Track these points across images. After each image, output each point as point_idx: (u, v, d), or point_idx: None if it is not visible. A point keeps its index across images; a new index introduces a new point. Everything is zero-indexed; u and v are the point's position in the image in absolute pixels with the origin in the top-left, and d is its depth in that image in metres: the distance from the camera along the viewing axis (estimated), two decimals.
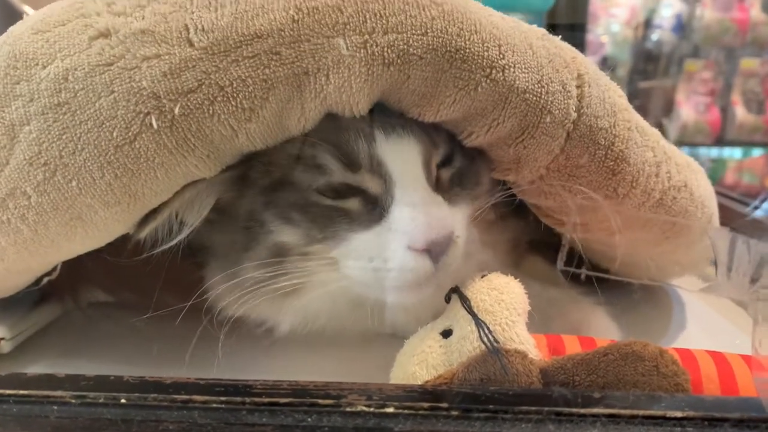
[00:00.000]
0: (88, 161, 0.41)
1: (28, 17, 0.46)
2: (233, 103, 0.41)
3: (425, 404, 0.36)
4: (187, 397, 0.36)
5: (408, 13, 0.43)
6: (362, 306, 0.52)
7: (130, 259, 0.49)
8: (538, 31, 0.50)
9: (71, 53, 0.41)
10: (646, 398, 0.36)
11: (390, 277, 0.47)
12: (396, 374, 0.45)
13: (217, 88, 0.41)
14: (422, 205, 0.47)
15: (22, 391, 0.37)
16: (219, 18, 0.41)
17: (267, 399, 0.36)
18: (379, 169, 0.47)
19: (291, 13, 0.41)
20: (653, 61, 2.43)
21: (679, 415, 0.35)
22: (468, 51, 0.44)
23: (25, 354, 0.57)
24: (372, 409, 0.35)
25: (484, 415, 0.35)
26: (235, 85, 0.41)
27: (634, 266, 0.60)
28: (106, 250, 0.48)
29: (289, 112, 0.43)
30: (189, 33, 0.41)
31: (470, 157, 0.52)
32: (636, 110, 0.54)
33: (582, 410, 0.35)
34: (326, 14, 0.42)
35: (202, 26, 0.41)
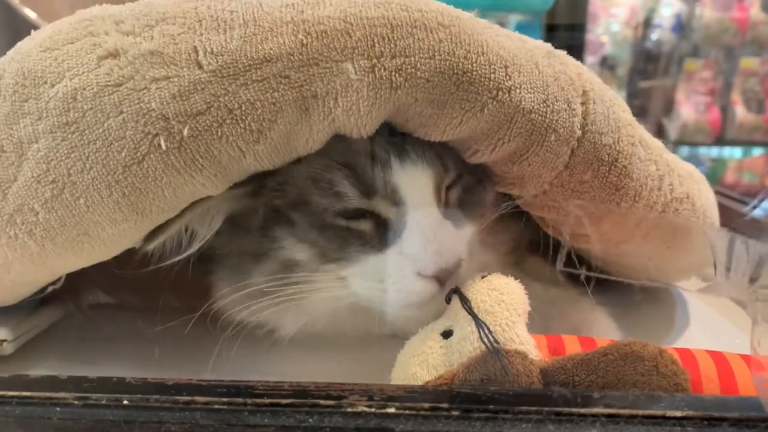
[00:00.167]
0: (96, 180, 0.41)
1: (36, 33, 0.45)
2: (242, 126, 0.41)
3: (426, 404, 0.36)
4: (189, 398, 0.36)
5: (416, 36, 0.43)
6: (363, 310, 0.52)
7: (138, 270, 0.49)
8: (543, 47, 0.50)
9: (80, 72, 0.41)
10: (645, 398, 0.36)
11: (397, 298, 0.48)
12: (397, 375, 0.45)
13: (226, 111, 0.41)
14: (433, 233, 0.48)
15: (25, 393, 0.37)
16: (228, 41, 0.41)
17: (269, 400, 0.36)
18: (393, 196, 0.48)
19: (300, 37, 0.41)
20: (653, 61, 2.43)
21: (679, 414, 0.35)
22: (475, 73, 0.44)
23: (27, 356, 0.57)
24: (373, 410, 0.36)
25: (485, 416, 0.35)
26: (243, 108, 0.41)
27: (635, 269, 0.60)
28: (113, 261, 0.48)
29: (297, 134, 0.44)
30: (198, 55, 0.41)
31: (476, 175, 0.53)
32: (636, 110, 0.55)
33: (582, 410, 0.35)
34: (335, 38, 0.42)
35: (212, 49, 0.41)
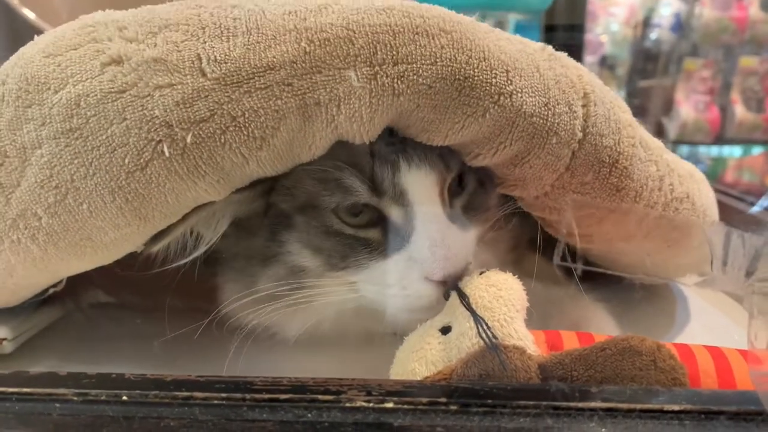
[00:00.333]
0: (100, 186, 0.42)
1: (39, 38, 0.46)
2: (245, 133, 0.42)
3: (424, 399, 0.36)
4: (188, 393, 0.37)
5: (418, 43, 0.43)
6: (366, 311, 0.53)
7: (142, 272, 0.50)
8: (544, 50, 0.50)
9: (83, 79, 0.41)
10: (643, 392, 0.36)
11: (405, 302, 0.49)
12: (395, 371, 0.45)
13: (229, 118, 0.41)
14: (441, 238, 0.48)
15: (25, 389, 0.37)
16: (231, 49, 0.41)
17: (267, 395, 0.36)
18: (401, 198, 0.49)
19: (303, 45, 0.42)
20: (652, 60, 2.43)
21: (677, 408, 0.35)
22: (477, 78, 0.44)
23: (27, 355, 0.57)
24: (371, 405, 0.36)
25: (483, 410, 0.35)
26: (247, 116, 0.41)
27: (634, 267, 0.60)
28: (115, 263, 0.49)
29: (300, 141, 0.44)
30: (201, 63, 0.41)
31: (480, 178, 0.53)
32: (635, 109, 0.55)
33: (579, 404, 0.35)
34: (337, 46, 0.42)
35: (215, 57, 0.41)
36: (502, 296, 0.44)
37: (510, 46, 0.47)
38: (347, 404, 0.36)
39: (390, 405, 0.36)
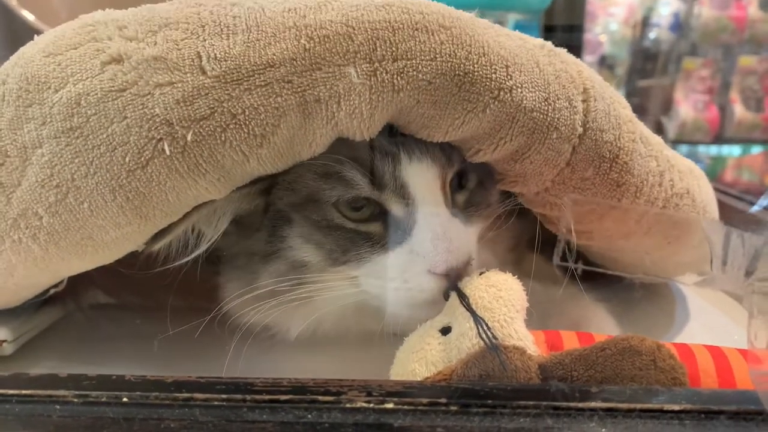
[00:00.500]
0: (100, 184, 0.42)
1: (39, 38, 0.46)
2: (245, 130, 0.42)
3: (425, 400, 0.36)
4: (189, 395, 0.37)
5: (417, 39, 0.43)
6: (366, 309, 0.53)
7: (144, 272, 0.50)
8: (543, 46, 0.50)
9: (83, 78, 0.41)
10: (643, 392, 0.36)
11: (408, 296, 0.49)
12: (395, 371, 0.45)
13: (229, 116, 0.41)
14: (443, 231, 0.48)
15: (25, 391, 0.37)
16: (231, 46, 0.41)
17: (267, 396, 0.36)
18: (403, 191, 0.49)
19: (302, 42, 0.42)
20: (651, 60, 2.43)
21: (677, 408, 0.35)
22: (476, 74, 0.44)
23: (27, 356, 0.57)
24: (372, 405, 0.36)
25: (483, 410, 0.35)
26: (247, 113, 0.41)
27: (634, 265, 0.60)
28: (116, 262, 0.49)
29: (301, 138, 0.44)
30: (202, 61, 0.41)
31: (481, 175, 0.53)
32: (635, 109, 0.55)
33: (580, 404, 0.35)
34: (337, 42, 0.42)
35: (215, 54, 0.41)
36: (502, 296, 0.44)
37: (509, 42, 0.47)
38: (347, 405, 0.36)
39: (390, 406, 0.36)
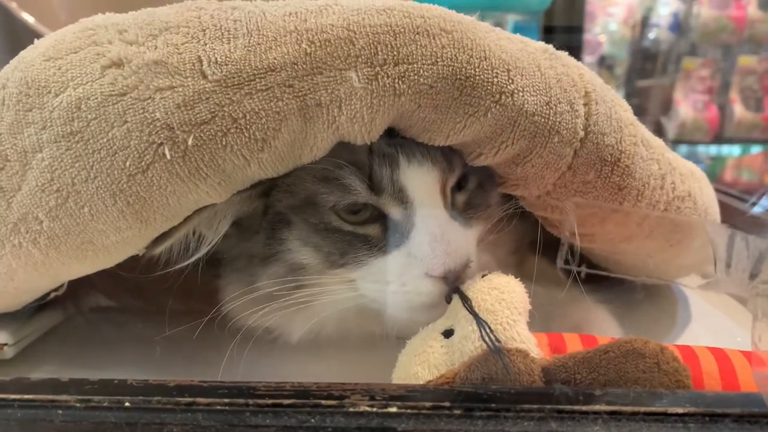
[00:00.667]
0: (101, 189, 0.41)
1: (39, 42, 0.45)
2: (246, 135, 0.41)
3: (428, 404, 0.36)
4: (191, 399, 0.36)
5: (418, 43, 0.43)
6: (368, 312, 0.52)
7: (145, 275, 0.49)
8: (545, 49, 0.50)
9: (84, 82, 0.41)
10: (647, 395, 0.36)
11: (406, 299, 0.49)
12: (398, 374, 0.45)
13: (230, 120, 0.41)
14: (441, 233, 0.48)
15: (27, 396, 0.37)
16: (232, 50, 0.41)
17: (270, 401, 0.36)
18: (401, 195, 0.49)
19: (304, 46, 0.41)
20: (651, 60, 2.43)
21: (681, 411, 0.35)
22: (478, 78, 0.44)
23: (28, 360, 0.57)
24: (375, 409, 0.36)
25: (487, 414, 0.35)
26: (248, 117, 0.41)
27: (636, 268, 0.60)
28: (117, 266, 0.48)
29: (301, 142, 0.44)
30: (202, 65, 0.41)
31: (481, 177, 0.53)
32: (634, 109, 0.55)
33: (584, 407, 0.35)
34: (338, 47, 0.42)
35: (216, 59, 0.41)
36: (505, 299, 0.44)
37: (511, 45, 0.47)
38: (350, 409, 0.36)
39: (393, 410, 0.36)
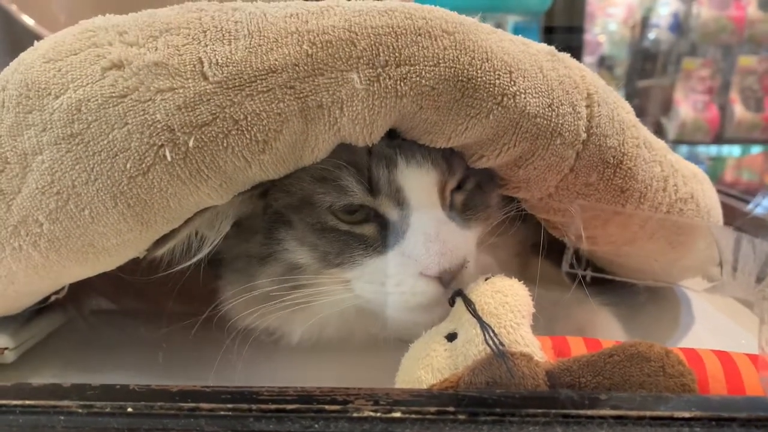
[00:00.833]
0: (101, 191, 0.41)
1: (39, 43, 0.45)
2: (247, 136, 0.41)
3: (432, 408, 0.35)
4: (194, 404, 0.36)
5: (420, 45, 0.43)
6: (369, 314, 0.52)
7: (147, 277, 0.49)
8: (547, 51, 0.50)
9: (84, 84, 0.41)
10: (653, 399, 0.36)
11: (401, 300, 0.48)
12: (401, 378, 0.45)
13: (231, 122, 0.41)
14: (436, 233, 0.47)
15: (29, 402, 0.37)
16: (233, 52, 0.41)
17: (274, 406, 0.36)
18: (397, 195, 0.48)
19: (305, 47, 0.41)
20: (651, 60, 2.43)
21: (687, 415, 0.34)
22: (480, 80, 0.44)
23: (29, 364, 0.56)
24: (379, 414, 0.35)
25: (491, 419, 0.35)
26: (249, 119, 0.41)
27: (639, 270, 0.60)
28: (118, 268, 0.48)
29: (303, 144, 0.44)
30: (203, 67, 0.41)
31: (481, 178, 0.52)
32: (634, 109, 0.55)
33: (589, 412, 0.35)
34: (340, 48, 0.42)
35: (217, 60, 0.41)
36: (508, 302, 0.44)
37: (513, 47, 0.47)
38: (354, 414, 0.35)
39: (398, 414, 0.35)
